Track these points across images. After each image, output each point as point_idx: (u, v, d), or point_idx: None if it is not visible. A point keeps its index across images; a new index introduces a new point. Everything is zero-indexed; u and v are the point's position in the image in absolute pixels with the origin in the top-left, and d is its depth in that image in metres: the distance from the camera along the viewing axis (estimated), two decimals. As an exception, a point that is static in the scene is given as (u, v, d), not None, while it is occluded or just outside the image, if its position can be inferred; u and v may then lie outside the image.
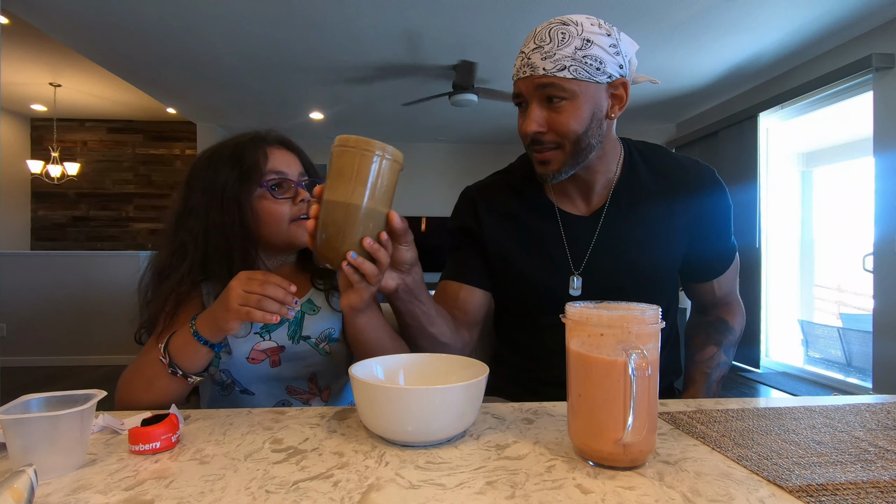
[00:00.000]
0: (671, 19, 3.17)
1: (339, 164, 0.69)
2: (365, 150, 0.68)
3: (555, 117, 0.84)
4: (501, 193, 1.02)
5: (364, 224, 0.69)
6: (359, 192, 0.68)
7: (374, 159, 0.68)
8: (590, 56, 0.81)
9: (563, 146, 0.86)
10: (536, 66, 0.82)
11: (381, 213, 0.70)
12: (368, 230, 0.70)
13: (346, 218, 0.68)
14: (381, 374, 0.71)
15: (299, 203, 0.91)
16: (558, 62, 0.81)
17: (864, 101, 3.49)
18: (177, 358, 0.78)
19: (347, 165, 0.68)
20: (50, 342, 4.60)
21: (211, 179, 0.88)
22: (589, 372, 0.54)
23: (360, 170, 0.68)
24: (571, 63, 0.81)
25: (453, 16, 3.15)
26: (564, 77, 0.81)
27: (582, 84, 0.82)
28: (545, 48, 0.81)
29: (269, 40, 3.49)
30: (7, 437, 0.50)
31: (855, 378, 3.75)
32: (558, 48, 0.81)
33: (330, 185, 0.69)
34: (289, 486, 0.49)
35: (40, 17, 3.14)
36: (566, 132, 0.84)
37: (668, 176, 0.96)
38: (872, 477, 0.50)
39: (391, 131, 6.10)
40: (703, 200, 0.96)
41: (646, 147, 1.01)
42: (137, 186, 6.30)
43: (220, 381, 0.91)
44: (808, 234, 4.35)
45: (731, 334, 1.03)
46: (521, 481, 0.50)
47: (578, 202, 0.97)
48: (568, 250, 0.95)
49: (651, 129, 5.67)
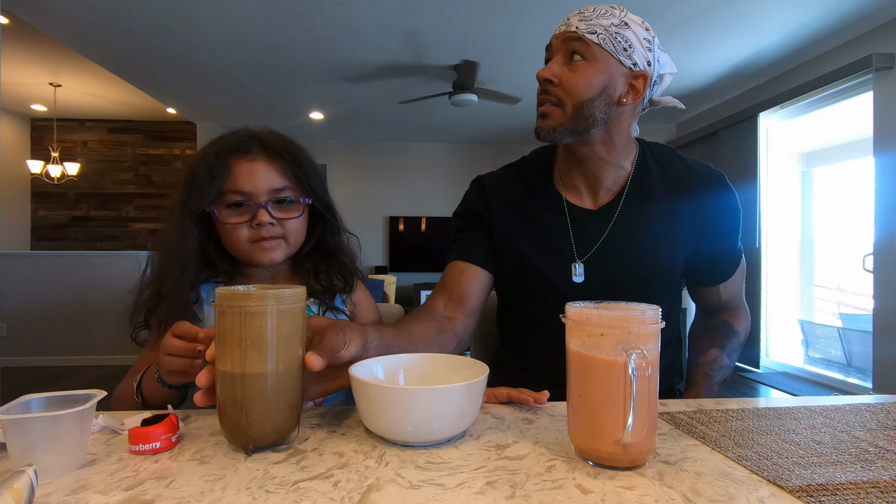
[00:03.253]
0: (671, 19, 3.17)
1: (221, 326, 0.56)
2: (246, 306, 0.55)
3: (568, 74, 0.87)
4: (511, 183, 1.03)
5: (276, 392, 0.57)
6: (253, 359, 0.55)
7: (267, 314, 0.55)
8: (622, 35, 0.86)
9: (564, 105, 0.88)
10: (571, 24, 0.87)
11: (294, 370, 0.59)
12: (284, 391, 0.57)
13: (250, 392, 0.55)
14: (381, 374, 0.71)
15: (256, 227, 0.85)
16: (591, 26, 0.86)
17: (864, 101, 3.49)
18: (148, 397, 0.77)
19: (229, 328, 0.55)
20: (50, 342, 4.60)
21: (185, 186, 0.86)
22: (589, 372, 0.54)
23: (249, 331, 0.55)
24: (603, 32, 0.85)
25: (453, 16, 3.15)
26: (591, 40, 0.85)
27: (605, 53, 0.86)
28: (585, 13, 0.87)
29: (269, 40, 3.49)
30: (7, 437, 0.50)
31: (855, 378, 3.75)
32: (597, 17, 0.86)
33: (219, 355, 0.57)
34: (289, 486, 0.49)
35: (40, 17, 3.14)
36: (573, 91, 0.87)
37: (678, 177, 0.97)
38: (872, 477, 0.50)
39: (391, 131, 6.10)
40: (712, 204, 0.96)
41: (658, 147, 1.02)
42: (137, 186, 6.30)
43: None
44: (808, 234, 4.35)
45: (735, 338, 1.02)
46: (521, 481, 0.50)
47: (585, 196, 0.98)
48: (573, 241, 0.96)
49: (651, 129, 5.66)
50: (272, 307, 0.56)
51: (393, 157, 6.66)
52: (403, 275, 6.33)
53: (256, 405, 0.56)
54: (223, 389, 0.57)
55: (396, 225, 6.53)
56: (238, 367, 0.55)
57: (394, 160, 6.66)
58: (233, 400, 0.56)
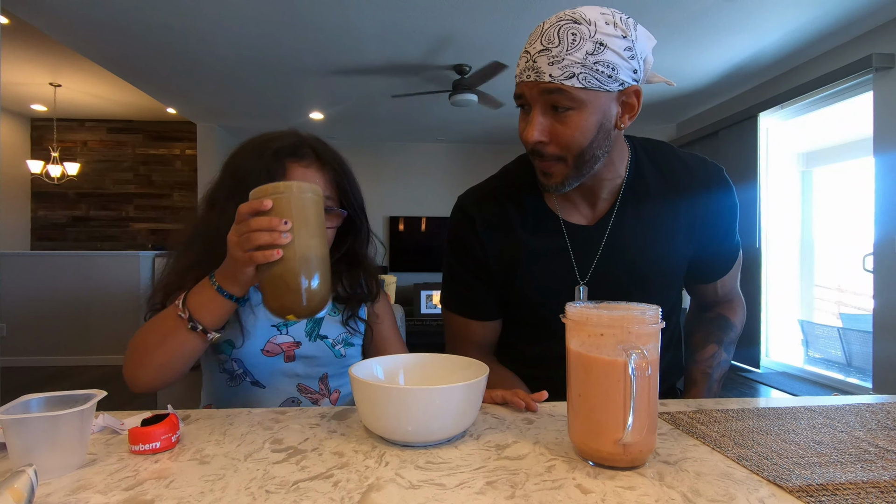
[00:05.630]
0: (671, 19, 3.17)
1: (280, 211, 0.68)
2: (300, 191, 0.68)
3: (559, 128, 0.77)
4: (500, 205, 0.95)
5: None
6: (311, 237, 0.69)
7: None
8: (602, 62, 0.73)
9: (565, 160, 0.80)
10: (542, 72, 0.74)
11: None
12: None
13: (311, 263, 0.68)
14: (381, 374, 0.71)
15: None
16: (566, 69, 0.73)
17: (864, 101, 3.49)
18: (196, 312, 0.74)
19: (285, 211, 0.68)
20: (50, 342, 4.60)
21: (235, 177, 0.88)
22: (589, 372, 0.54)
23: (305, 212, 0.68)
24: (581, 70, 0.73)
25: (453, 16, 3.15)
26: (573, 86, 0.73)
27: (591, 93, 0.75)
28: (553, 51, 0.73)
29: (269, 40, 3.49)
30: (7, 437, 0.50)
31: (855, 378, 3.75)
32: (567, 52, 0.72)
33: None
34: (289, 486, 0.49)
35: (40, 17, 3.14)
36: (570, 145, 0.78)
37: (675, 177, 0.92)
38: (872, 477, 0.50)
39: (391, 131, 6.10)
40: (710, 202, 0.93)
41: (651, 145, 0.96)
42: (137, 186, 6.30)
43: (230, 370, 0.90)
44: (808, 234, 4.35)
45: (731, 331, 1.01)
46: (521, 481, 0.50)
47: (584, 209, 0.93)
48: (575, 263, 0.92)
49: (651, 129, 5.67)
50: (316, 195, 0.70)
51: (393, 157, 6.65)
52: (403, 275, 6.32)
53: (322, 269, 0.68)
54: (289, 261, 0.66)
55: (396, 225, 6.52)
56: (304, 242, 0.67)
57: (394, 160, 6.65)
58: (299, 269, 0.66)
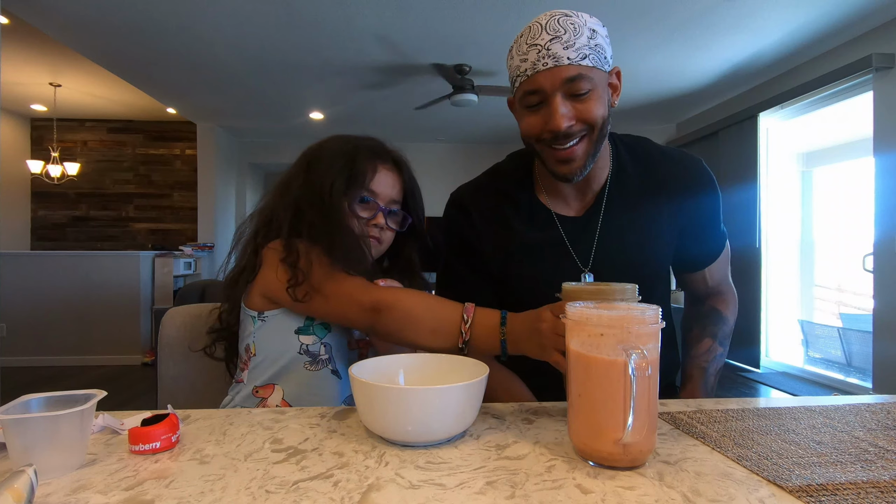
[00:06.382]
0: (671, 19, 3.17)
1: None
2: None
3: (581, 108, 0.82)
4: (494, 200, 0.99)
5: None
6: None
7: None
8: (598, 45, 0.81)
9: (590, 135, 0.84)
10: (560, 57, 0.78)
11: None
12: None
13: None
14: (381, 375, 0.71)
15: (371, 225, 0.95)
16: (580, 51, 0.79)
17: (864, 101, 3.49)
18: (473, 339, 0.77)
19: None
20: (50, 342, 4.60)
21: (324, 169, 0.92)
22: (589, 372, 0.54)
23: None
24: (590, 52, 0.80)
25: (453, 16, 3.15)
26: (587, 65, 0.80)
27: (598, 72, 0.82)
28: (563, 38, 0.79)
29: (269, 40, 3.49)
30: (7, 437, 0.50)
31: (855, 378, 3.75)
32: (575, 37, 0.79)
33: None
34: (289, 486, 0.49)
35: (40, 17, 3.14)
36: (594, 117, 0.82)
37: (656, 171, 0.95)
38: (872, 477, 0.50)
39: (391, 131, 6.10)
40: (691, 193, 0.95)
41: (630, 139, 1.00)
42: (137, 186, 6.29)
43: (315, 353, 0.89)
44: (808, 234, 4.35)
45: (724, 324, 1.03)
46: (521, 481, 0.50)
47: (573, 202, 0.96)
48: (574, 254, 0.95)
49: (651, 129, 5.66)
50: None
51: (393, 157, 6.65)
52: (403, 275, 6.32)
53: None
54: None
55: (396, 225, 6.53)
56: None
57: (394, 160, 6.65)
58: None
